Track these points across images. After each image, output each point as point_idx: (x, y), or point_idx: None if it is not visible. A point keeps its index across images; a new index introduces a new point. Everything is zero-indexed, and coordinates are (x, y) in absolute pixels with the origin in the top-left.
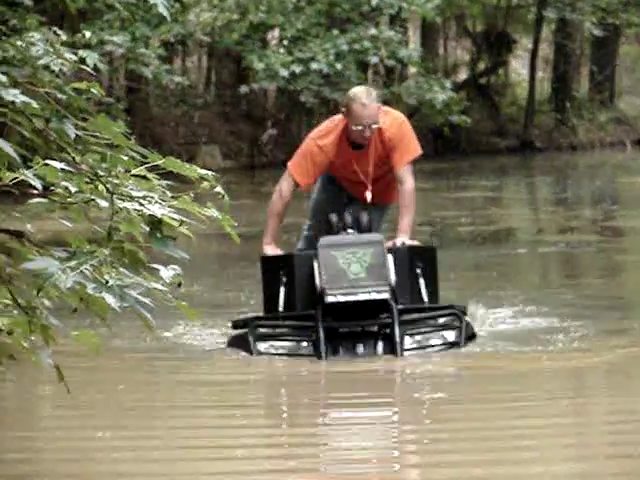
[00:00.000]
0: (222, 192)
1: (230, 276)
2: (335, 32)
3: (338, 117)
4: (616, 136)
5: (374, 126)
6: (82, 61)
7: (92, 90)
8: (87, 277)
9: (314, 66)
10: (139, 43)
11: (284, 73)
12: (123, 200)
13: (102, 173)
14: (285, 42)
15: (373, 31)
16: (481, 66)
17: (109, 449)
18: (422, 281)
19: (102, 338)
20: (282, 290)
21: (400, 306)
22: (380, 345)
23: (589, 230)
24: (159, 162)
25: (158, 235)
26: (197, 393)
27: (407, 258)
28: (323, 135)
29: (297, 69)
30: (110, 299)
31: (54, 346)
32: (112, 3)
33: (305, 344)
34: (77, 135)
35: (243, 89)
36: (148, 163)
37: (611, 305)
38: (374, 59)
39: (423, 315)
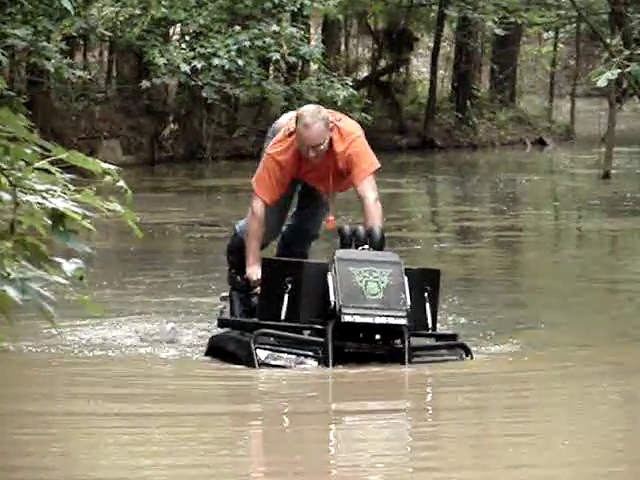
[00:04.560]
0: (125, 186)
1: (131, 270)
2: (237, 28)
3: (293, 126)
4: (516, 135)
5: (321, 147)
6: None
7: None
8: None
9: (216, 62)
10: (41, 37)
11: (185, 68)
12: (25, 193)
13: (4, 166)
14: (187, 37)
15: (275, 28)
16: (382, 64)
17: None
18: (427, 305)
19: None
20: (286, 297)
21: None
22: None
23: (484, 227)
24: (62, 156)
25: (60, 229)
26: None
27: (419, 281)
28: (282, 151)
29: (199, 64)
30: (12, 292)
31: None
32: None
33: (310, 359)
34: None
35: (144, 84)
36: (51, 156)
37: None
38: (276, 56)
39: (431, 344)
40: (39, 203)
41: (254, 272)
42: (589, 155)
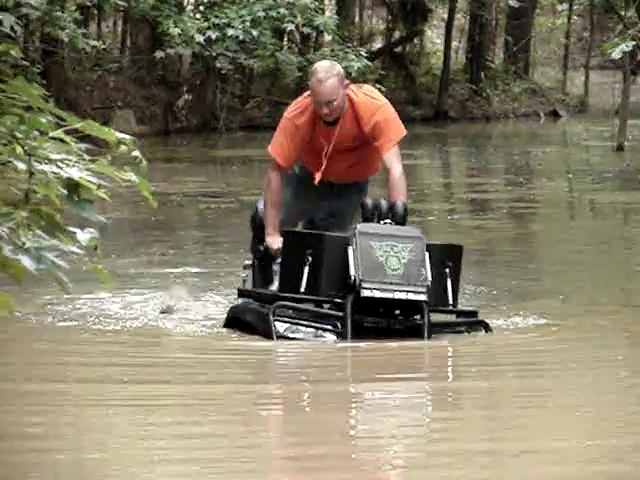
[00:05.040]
0: (139, 156)
1: (144, 241)
2: None
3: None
4: (530, 107)
5: (334, 104)
6: None
7: (11, 52)
8: (4, 239)
9: (230, 32)
10: (55, 6)
11: (200, 39)
12: (40, 162)
13: (20, 135)
14: (201, 8)
15: None
16: (396, 35)
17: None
18: (449, 281)
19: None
20: (306, 270)
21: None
22: None
23: (497, 198)
24: (78, 125)
25: (75, 198)
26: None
27: (440, 257)
28: (299, 113)
29: (213, 35)
30: (27, 261)
31: None
32: None
33: (329, 333)
34: None
35: (158, 54)
36: (66, 126)
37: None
38: (290, 26)
39: (450, 321)
40: (54, 172)
41: (274, 241)
42: (603, 127)
